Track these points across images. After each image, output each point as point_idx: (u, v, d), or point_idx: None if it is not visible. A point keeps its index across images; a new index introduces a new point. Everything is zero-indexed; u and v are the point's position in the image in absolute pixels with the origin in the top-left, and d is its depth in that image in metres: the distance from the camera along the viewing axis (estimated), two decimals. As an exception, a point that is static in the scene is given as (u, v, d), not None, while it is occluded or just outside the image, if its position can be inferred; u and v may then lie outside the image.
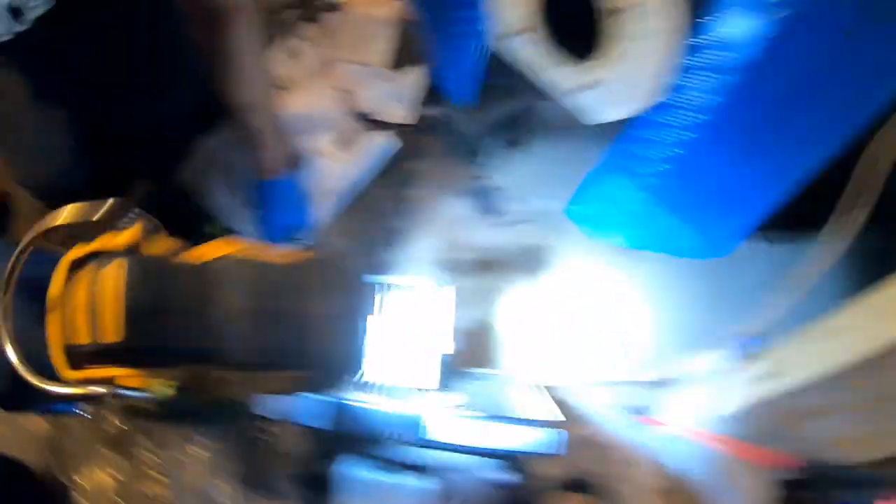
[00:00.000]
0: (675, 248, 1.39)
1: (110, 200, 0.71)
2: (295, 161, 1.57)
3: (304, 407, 1.03)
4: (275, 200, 1.55)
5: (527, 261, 1.61)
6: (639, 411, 1.27)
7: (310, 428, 1.04)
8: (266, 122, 1.46)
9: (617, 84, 1.34)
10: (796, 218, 1.26)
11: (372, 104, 1.77)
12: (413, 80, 1.78)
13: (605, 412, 1.25)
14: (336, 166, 1.68)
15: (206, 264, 0.72)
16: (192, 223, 1.63)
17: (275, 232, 1.57)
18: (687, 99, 1.20)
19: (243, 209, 1.60)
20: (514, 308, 1.53)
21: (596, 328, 1.49)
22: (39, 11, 1.03)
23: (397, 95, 1.77)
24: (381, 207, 1.73)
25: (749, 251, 1.41)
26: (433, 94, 1.80)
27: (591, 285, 1.53)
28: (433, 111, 1.80)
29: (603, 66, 1.32)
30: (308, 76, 1.82)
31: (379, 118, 1.77)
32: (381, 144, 1.72)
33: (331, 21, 1.89)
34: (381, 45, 1.83)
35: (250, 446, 1.27)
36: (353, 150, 1.72)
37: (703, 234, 1.32)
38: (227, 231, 1.62)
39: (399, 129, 1.76)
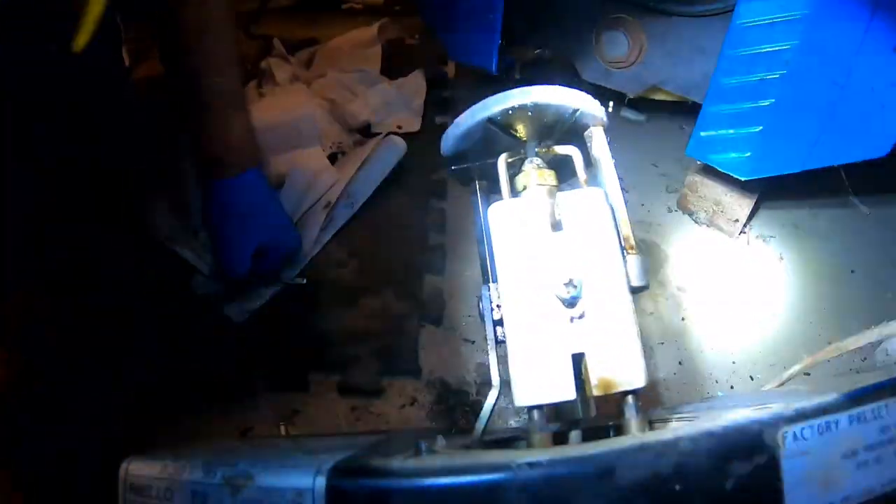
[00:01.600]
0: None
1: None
2: (257, 156, 1.01)
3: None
4: (238, 207, 0.96)
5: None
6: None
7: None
8: (226, 88, 0.93)
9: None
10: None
11: (371, 113, 1.25)
12: (413, 86, 1.29)
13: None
14: (326, 179, 1.12)
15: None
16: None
17: (240, 256, 0.96)
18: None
19: (197, 240, 1.00)
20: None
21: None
22: None
23: (398, 103, 1.26)
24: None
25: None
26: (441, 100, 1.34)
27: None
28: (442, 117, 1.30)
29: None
30: (290, 80, 1.31)
31: (381, 127, 1.23)
32: (382, 155, 1.17)
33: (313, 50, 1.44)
34: (373, 58, 1.36)
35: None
36: (347, 163, 1.16)
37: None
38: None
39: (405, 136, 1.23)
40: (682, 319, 1.06)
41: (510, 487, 0.33)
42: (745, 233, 1.18)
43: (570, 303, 0.47)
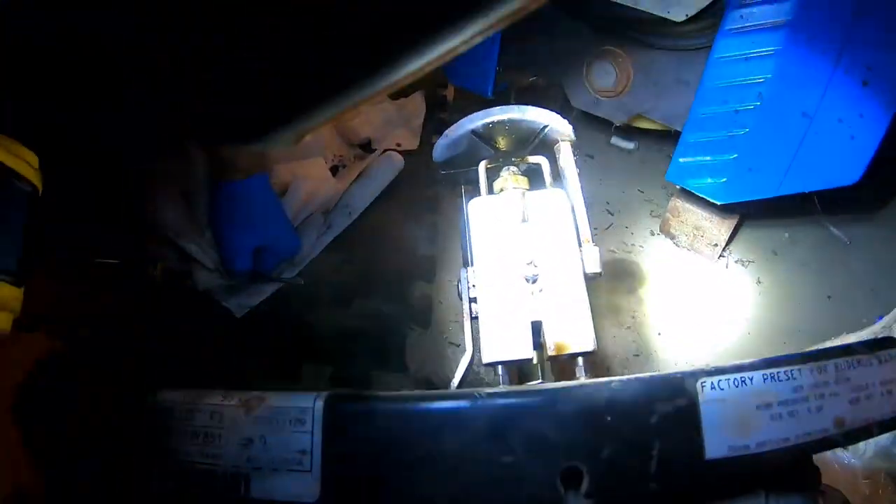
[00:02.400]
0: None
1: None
2: (266, 163, 1.09)
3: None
4: (244, 207, 1.05)
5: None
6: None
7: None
8: None
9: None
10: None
11: (372, 130, 1.34)
12: (414, 106, 1.38)
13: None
14: (327, 189, 1.20)
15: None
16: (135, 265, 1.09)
17: (242, 254, 1.04)
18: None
19: (203, 237, 1.07)
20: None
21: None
22: None
23: (399, 121, 1.36)
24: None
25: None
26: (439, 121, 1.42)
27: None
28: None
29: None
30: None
31: (381, 144, 1.32)
32: (380, 170, 1.26)
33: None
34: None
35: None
36: (347, 175, 1.25)
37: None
38: (171, 274, 1.07)
39: (403, 154, 1.32)
40: (659, 334, 1.13)
41: (473, 409, 0.41)
42: (724, 257, 1.25)
43: (532, 279, 0.55)
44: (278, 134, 0.43)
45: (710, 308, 1.17)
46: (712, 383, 0.42)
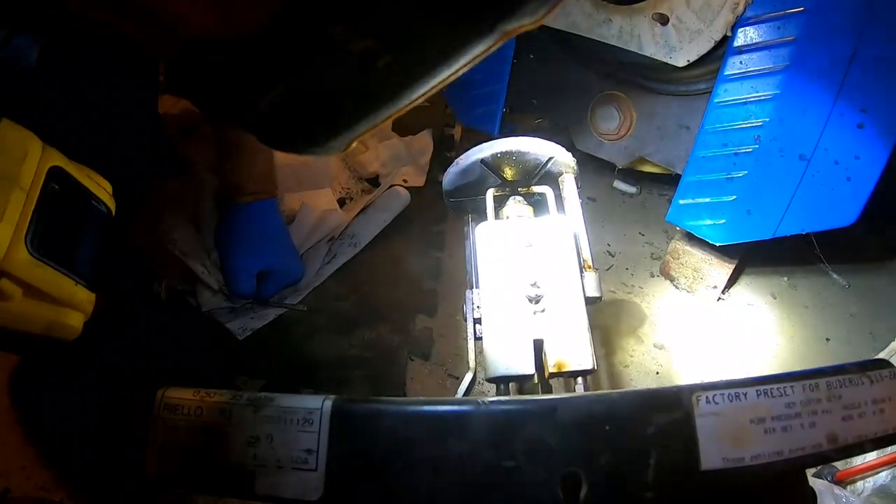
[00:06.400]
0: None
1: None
2: (275, 188, 1.12)
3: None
4: (250, 230, 1.07)
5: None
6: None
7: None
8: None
9: (684, 14, 1.04)
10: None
11: (380, 165, 1.38)
12: (422, 144, 1.42)
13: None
14: (334, 219, 1.23)
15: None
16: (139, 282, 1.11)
17: (246, 277, 1.06)
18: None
19: (209, 258, 1.10)
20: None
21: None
22: None
23: (407, 158, 1.39)
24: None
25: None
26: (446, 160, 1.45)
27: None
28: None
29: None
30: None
31: (388, 179, 1.36)
32: (387, 204, 1.29)
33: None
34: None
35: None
36: (354, 207, 1.28)
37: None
38: (175, 292, 1.10)
39: (410, 190, 1.35)
40: (657, 373, 1.14)
41: (476, 415, 0.43)
42: (722, 299, 1.27)
43: (535, 300, 0.57)
44: (330, 142, 0.46)
45: (707, 348, 1.18)
46: (707, 397, 0.44)
